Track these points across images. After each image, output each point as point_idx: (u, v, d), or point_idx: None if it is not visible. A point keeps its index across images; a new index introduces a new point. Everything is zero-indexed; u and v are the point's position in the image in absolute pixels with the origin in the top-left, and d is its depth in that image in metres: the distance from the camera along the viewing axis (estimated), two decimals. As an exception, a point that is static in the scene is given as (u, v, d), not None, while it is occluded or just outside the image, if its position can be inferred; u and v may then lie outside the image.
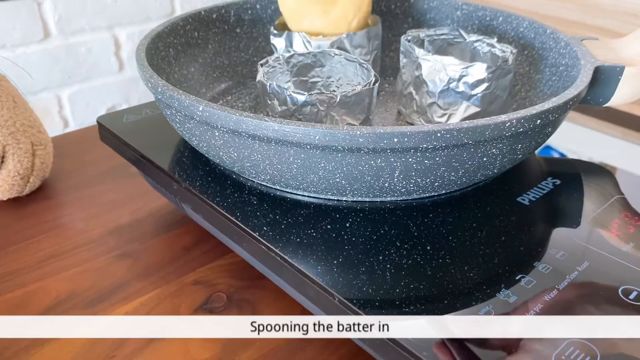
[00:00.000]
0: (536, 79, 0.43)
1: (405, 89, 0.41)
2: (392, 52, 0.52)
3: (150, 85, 0.34)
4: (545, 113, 0.30)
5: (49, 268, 0.37)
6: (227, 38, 0.48)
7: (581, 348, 0.24)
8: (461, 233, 0.31)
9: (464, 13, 0.49)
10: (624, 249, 0.30)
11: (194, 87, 0.44)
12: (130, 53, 1.09)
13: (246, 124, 0.29)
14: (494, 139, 0.29)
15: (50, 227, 0.41)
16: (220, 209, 0.32)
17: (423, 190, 0.32)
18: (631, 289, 0.27)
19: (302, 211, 0.32)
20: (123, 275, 0.37)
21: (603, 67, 0.36)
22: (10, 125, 0.42)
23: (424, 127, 0.27)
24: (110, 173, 0.48)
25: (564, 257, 0.29)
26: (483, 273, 0.28)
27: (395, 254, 0.29)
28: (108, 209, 0.43)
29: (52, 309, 0.34)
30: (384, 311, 0.26)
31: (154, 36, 0.40)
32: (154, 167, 0.37)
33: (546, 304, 0.26)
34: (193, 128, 0.33)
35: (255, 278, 0.36)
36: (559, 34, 0.41)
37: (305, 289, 0.28)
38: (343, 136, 0.27)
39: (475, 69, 0.37)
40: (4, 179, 0.42)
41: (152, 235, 0.41)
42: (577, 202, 0.35)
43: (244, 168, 0.32)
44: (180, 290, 0.36)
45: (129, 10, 1.06)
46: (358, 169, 0.29)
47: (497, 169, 0.33)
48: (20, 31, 0.95)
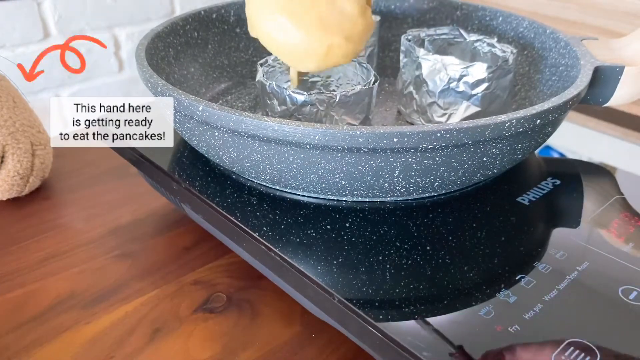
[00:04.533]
0: (536, 79, 0.43)
1: (405, 89, 0.41)
2: (392, 52, 0.52)
3: (150, 85, 0.34)
4: (545, 113, 0.30)
5: (49, 268, 0.37)
6: (226, 38, 0.48)
7: (581, 348, 0.24)
8: (461, 233, 0.31)
9: (463, 13, 0.49)
10: (624, 249, 0.30)
11: (194, 87, 0.44)
12: (130, 53, 1.09)
13: (246, 124, 0.29)
14: (494, 139, 0.29)
15: (50, 227, 0.41)
16: (220, 209, 0.32)
17: (423, 190, 0.32)
18: (631, 289, 0.27)
19: (302, 211, 0.32)
20: (123, 275, 0.37)
21: (603, 67, 0.36)
22: (10, 125, 0.42)
23: (424, 127, 0.27)
24: (110, 173, 0.48)
25: (564, 257, 0.29)
26: (483, 273, 0.28)
27: (395, 254, 0.29)
28: (108, 209, 0.43)
29: (52, 309, 0.34)
30: (384, 311, 0.26)
31: (154, 36, 0.40)
32: (154, 167, 0.37)
33: (546, 304, 0.26)
34: (193, 128, 0.33)
35: (255, 278, 0.36)
36: (559, 34, 0.41)
37: (305, 289, 0.28)
38: (343, 136, 0.27)
39: (476, 68, 0.37)
40: (4, 179, 0.42)
41: (152, 235, 0.41)
42: (577, 202, 0.34)
43: (244, 168, 0.32)
44: (180, 290, 0.36)
45: (129, 10, 1.06)
46: (358, 169, 0.29)
47: (497, 169, 0.33)
48: (20, 31, 0.95)
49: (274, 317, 0.33)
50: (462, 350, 0.24)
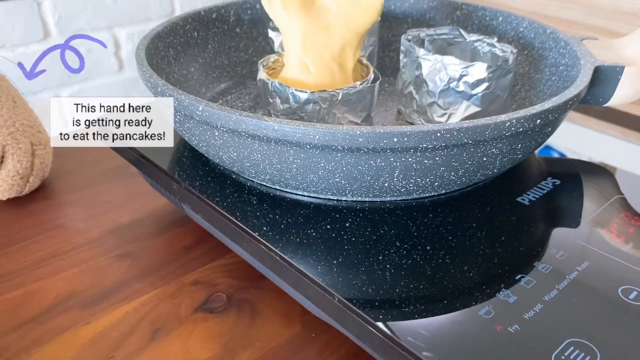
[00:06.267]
0: (536, 78, 0.43)
1: (406, 89, 0.41)
2: (392, 52, 0.52)
3: (150, 85, 0.34)
4: (545, 113, 0.30)
5: (49, 268, 0.37)
6: (226, 38, 0.48)
7: (581, 348, 0.24)
8: (461, 233, 0.31)
9: (463, 13, 0.49)
10: (624, 249, 0.30)
11: (194, 87, 0.44)
12: (130, 53, 1.09)
13: (246, 124, 0.29)
14: (494, 139, 0.29)
15: (50, 227, 0.41)
16: (220, 209, 0.32)
17: (423, 190, 0.32)
18: (631, 289, 0.27)
19: (302, 211, 0.32)
20: (123, 275, 0.37)
21: (603, 67, 0.36)
22: (10, 125, 0.42)
23: (423, 126, 0.27)
24: (110, 173, 0.48)
25: (564, 257, 0.29)
26: (483, 273, 0.28)
27: (395, 254, 0.29)
28: (108, 209, 0.43)
29: (52, 309, 0.34)
30: (384, 311, 0.26)
31: (154, 36, 0.40)
32: (154, 167, 0.37)
33: (546, 304, 0.26)
34: (193, 128, 0.33)
35: (255, 278, 0.36)
36: (559, 33, 0.41)
37: (305, 289, 0.28)
38: (343, 136, 0.27)
39: (476, 68, 0.37)
40: (4, 179, 0.42)
41: (152, 235, 0.41)
42: (577, 202, 0.34)
43: (244, 168, 0.32)
44: (180, 290, 0.36)
45: (129, 11, 1.06)
46: (358, 169, 0.29)
47: (497, 169, 0.33)
48: (20, 31, 0.95)
49: (274, 317, 0.33)
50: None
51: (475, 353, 0.24)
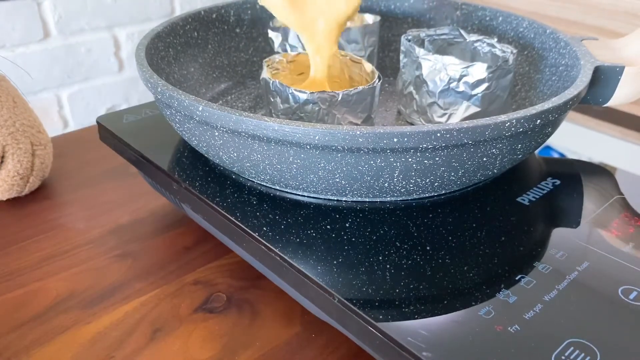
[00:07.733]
0: (536, 79, 0.43)
1: (406, 89, 0.41)
2: (392, 52, 0.52)
3: (150, 85, 0.34)
4: (545, 113, 0.30)
5: (49, 268, 0.37)
6: (226, 38, 0.48)
7: (581, 348, 0.24)
8: (461, 233, 0.31)
9: (464, 13, 0.49)
10: (624, 249, 0.30)
11: (194, 87, 0.44)
12: (130, 53, 1.09)
13: (246, 124, 0.29)
14: (494, 139, 0.29)
15: (50, 227, 0.41)
16: (220, 209, 0.32)
17: (423, 191, 0.32)
18: (631, 289, 0.27)
19: (302, 211, 0.32)
20: (123, 275, 0.37)
21: (603, 67, 0.36)
22: (10, 126, 0.42)
23: (423, 127, 0.27)
24: (110, 173, 0.48)
25: (563, 257, 0.29)
26: (483, 273, 0.28)
27: (395, 254, 0.29)
28: (108, 209, 0.43)
29: (52, 309, 0.34)
30: (384, 311, 0.26)
31: (154, 36, 0.40)
32: (153, 167, 0.37)
33: (546, 304, 0.26)
34: (193, 128, 0.33)
35: (255, 278, 0.36)
36: (559, 34, 0.41)
37: (305, 289, 0.28)
38: (343, 136, 0.27)
39: (476, 68, 0.37)
40: (4, 179, 0.42)
41: (152, 235, 0.41)
42: (577, 202, 0.35)
43: (244, 168, 0.32)
44: (180, 290, 0.36)
45: (129, 10, 1.06)
46: (358, 169, 0.29)
47: (497, 169, 0.33)
48: (20, 31, 0.95)
49: (274, 317, 0.34)
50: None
51: (475, 353, 0.24)
